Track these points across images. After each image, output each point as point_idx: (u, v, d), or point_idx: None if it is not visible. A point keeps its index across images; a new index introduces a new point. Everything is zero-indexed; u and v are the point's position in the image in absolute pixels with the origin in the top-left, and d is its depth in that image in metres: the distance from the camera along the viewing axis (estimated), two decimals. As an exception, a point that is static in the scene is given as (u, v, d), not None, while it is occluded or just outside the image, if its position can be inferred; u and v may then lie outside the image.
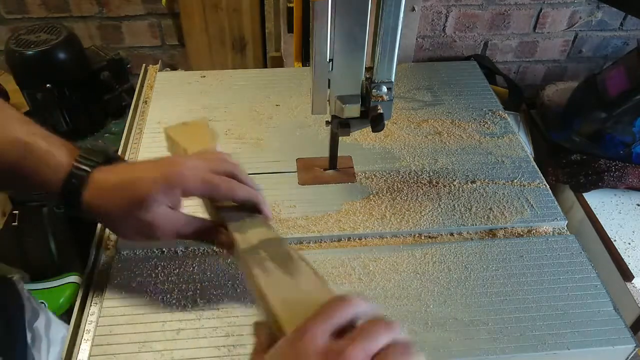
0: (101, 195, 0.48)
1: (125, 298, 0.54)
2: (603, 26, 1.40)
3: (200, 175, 0.49)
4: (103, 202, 0.48)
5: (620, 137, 0.99)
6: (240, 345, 0.50)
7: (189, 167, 0.49)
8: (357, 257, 0.59)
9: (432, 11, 1.32)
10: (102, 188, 0.48)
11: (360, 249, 0.60)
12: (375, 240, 0.61)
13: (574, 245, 0.61)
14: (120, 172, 0.49)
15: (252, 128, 0.77)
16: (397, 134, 0.76)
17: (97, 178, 0.49)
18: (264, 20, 1.28)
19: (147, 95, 0.84)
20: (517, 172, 0.70)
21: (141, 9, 1.39)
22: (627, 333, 0.52)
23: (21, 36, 1.03)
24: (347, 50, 0.54)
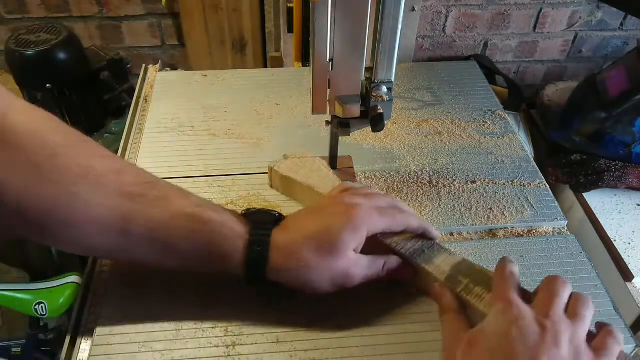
0: (290, 254, 0.47)
1: (125, 298, 0.54)
2: (603, 26, 1.40)
3: (378, 212, 0.49)
4: (294, 261, 0.47)
5: (620, 137, 0.99)
6: (240, 345, 0.50)
7: (363, 207, 0.49)
8: (357, 257, 0.58)
9: (432, 11, 1.33)
10: (288, 247, 0.47)
11: (360, 249, 0.60)
12: (375, 240, 0.61)
13: (574, 245, 0.61)
14: (300, 227, 0.48)
15: (252, 128, 0.77)
16: (397, 134, 0.76)
17: (280, 239, 0.47)
18: (264, 20, 1.28)
19: (147, 95, 0.84)
20: (517, 172, 0.70)
21: (141, 9, 1.39)
22: (627, 333, 0.52)
23: (21, 36, 1.03)
24: (347, 50, 0.54)
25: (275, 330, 0.51)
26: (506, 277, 0.44)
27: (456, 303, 0.47)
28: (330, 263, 0.46)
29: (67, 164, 0.44)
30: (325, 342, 0.50)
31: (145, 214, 0.45)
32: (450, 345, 0.44)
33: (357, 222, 0.47)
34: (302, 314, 0.52)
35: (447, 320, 0.46)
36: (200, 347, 0.49)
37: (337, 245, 0.46)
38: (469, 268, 0.50)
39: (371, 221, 0.48)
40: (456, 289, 0.47)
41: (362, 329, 0.51)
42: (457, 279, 0.48)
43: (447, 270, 0.49)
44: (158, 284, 0.55)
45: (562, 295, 0.42)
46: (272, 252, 0.47)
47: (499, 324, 0.41)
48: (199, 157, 0.71)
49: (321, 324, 0.51)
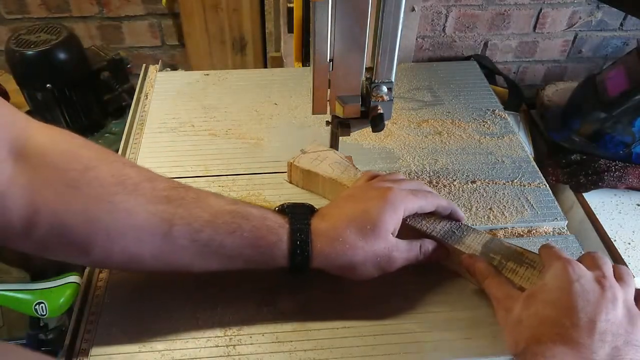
0: (334, 240, 0.48)
1: (125, 297, 0.54)
2: (603, 26, 1.40)
3: (410, 193, 0.51)
4: (338, 246, 0.47)
5: (620, 137, 0.99)
6: (240, 345, 0.50)
7: (396, 189, 0.50)
8: (357, 257, 0.58)
9: (432, 11, 1.33)
10: (330, 233, 0.48)
11: (361, 249, 0.60)
12: (376, 240, 0.61)
13: (574, 245, 0.61)
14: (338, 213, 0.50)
15: (252, 128, 0.77)
16: (397, 134, 0.76)
17: (320, 227, 0.48)
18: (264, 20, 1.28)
19: (147, 95, 0.84)
20: (517, 172, 0.70)
21: (141, 9, 1.39)
22: (627, 333, 0.52)
23: (21, 36, 1.03)
24: (347, 50, 0.54)
25: (275, 330, 0.51)
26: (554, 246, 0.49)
27: (491, 267, 0.50)
28: (374, 245, 0.48)
29: (103, 176, 0.44)
30: (325, 342, 0.50)
31: (187, 215, 0.46)
32: (504, 303, 0.48)
33: (394, 203, 0.49)
34: (302, 314, 0.52)
35: (491, 283, 0.50)
36: (201, 347, 0.49)
37: (378, 226, 0.48)
38: (498, 245, 0.52)
39: (407, 201, 0.50)
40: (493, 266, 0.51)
41: (361, 329, 0.51)
42: (489, 256, 0.51)
43: (478, 248, 0.52)
44: (158, 283, 0.55)
45: (608, 262, 0.46)
46: (314, 239, 0.48)
47: (560, 280, 0.44)
48: (199, 157, 0.71)
49: (321, 324, 0.51)
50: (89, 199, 0.43)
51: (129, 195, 0.44)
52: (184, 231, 0.45)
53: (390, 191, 0.50)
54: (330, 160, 0.64)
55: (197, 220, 0.46)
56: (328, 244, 0.48)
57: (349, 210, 0.50)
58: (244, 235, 0.47)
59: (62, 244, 0.44)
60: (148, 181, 0.46)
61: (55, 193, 0.42)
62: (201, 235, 0.46)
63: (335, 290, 0.54)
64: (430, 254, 0.52)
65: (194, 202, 0.47)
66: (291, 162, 0.65)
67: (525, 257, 0.51)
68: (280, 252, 0.48)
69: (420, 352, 0.49)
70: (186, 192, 0.48)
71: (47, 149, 0.43)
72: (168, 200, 0.46)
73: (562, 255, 0.47)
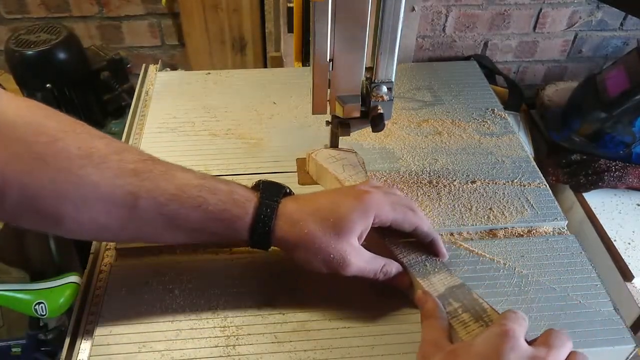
0: (295, 223, 0.48)
1: (125, 298, 0.54)
2: (603, 26, 1.40)
3: (389, 202, 0.49)
4: (297, 230, 0.47)
5: (620, 137, 0.99)
6: (240, 345, 0.50)
7: (379, 195, 0.49)
8: (357, 257, 0.58)
9: (432, 11, 1.33)
10: (295, 216, 0.48)
11: (361, 249, 0.60)
12: (376, 240, 0.61)
13: (574, 245, 0.61)
14: (310, 200, 0.50)
15: (252, 128, 0.77)
16: (397, 133, 0.76)
17: (288, 208, 0.48)
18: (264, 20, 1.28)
19: (147, 95, 0.84)
20: (517, 172, 0.70)
21: (141, 9, 1.39)
22: (627, 333, 0.52)
23: (21, 36, 1.03)
24: (347, 50, 0.54)
25: (275, 330, 0.51)
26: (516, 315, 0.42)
27: (437, 311, 0.46)
28: (332, 241, 0.47)
29: (69, 149, 0.44)
30: (325, 342, 0.50)
31: (153, 188, 0.46)
32: (427, 347, 0.43)
33: (366, 206, 0.48)
34: (302, 313, 0.52)
35: (427, 325, 0.45)
36: (200, 347, 0.49)
37: (343, 223, 0.47)
38: (464, 294, 0.48)
39: (381, 210, 0.48)
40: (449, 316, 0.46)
41: (362, 329, 0.51)
42: (447, 301, 0.47)
43: (441, 289, 0.48)
44: (158, 283, 0.55)
45: (561, 349, 0.39)
46: (279, 219, 0.48)
47: (489, 346, 0.39)
48: (199, 157, 0.71)
49: (321, 324, 0.51)
50: (56, 171, 0.43)
51: (96, 168, 0.44)
52: (149, 204, 0.46)
53: (368, 195, 0.49)
54: (346, 161, 0.64)
55: (163, 194, 0.46)
56: (289, 225, 0.48)
57: (322, 200, 0.50)
58: (209, 209, 0.47)
59: (33, 214, 0.44)
60: (116, 153, 0.46)
61: (23, 165, 0.42)
62: (166, 208, 0.46)
63: (335, 290, 0.54)
64: (391, 277, 0.50)
65: (161, 175, 0.47)
66: (309, 154, 0.66)
67: (485, 315, 0.46)
68: (243, 225, 0.48)
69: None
70: (154, 165, 0.48)
71: (15, 122, 0.43)
72: (135, 173, 0.46)
73: (509, 324, 0.40)
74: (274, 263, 0.55)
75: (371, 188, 0.51)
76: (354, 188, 0.52)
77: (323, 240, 0.47)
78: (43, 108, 0.46)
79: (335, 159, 0.64)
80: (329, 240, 0.47)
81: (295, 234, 0.48)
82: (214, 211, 0.47)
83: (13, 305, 0.94)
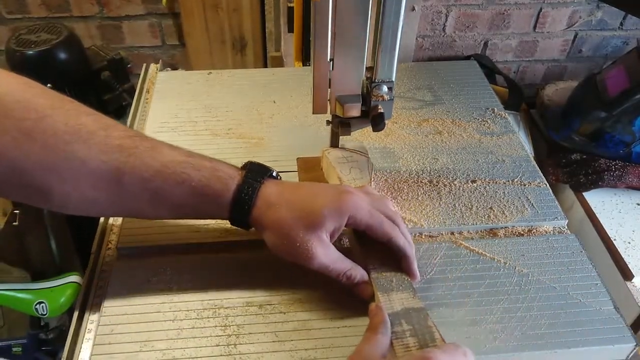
0: (272, 207, 0.49)
1: (126, 297, 0.54)
2: (603, 26, 1.40)
3: (368, 208, 0.49)
4: (272, 214, 0.48)
5: (620, 136, 0.99)
6: (242, 344, 0.50)
7: (360, 198, 0.49)
8: (357, 257, 0.59)
9: (432, 11, 1.33)
10: (273, 200, 0.49)
11: (361, 248, 0.60)
12: (376, 239, 0.62)
13: (574, 244, 0.61)
14: (291, 188, 0.50)
15: (252, 127, 0.77)
16: (397, 133, 0.76)
17: (269, 191, 0.49)
18: (264, 20, 1.29)
19: (147, 94, 0.84)
20: (517, 171, 0.70)
21: (141, 9, 1.39)
22: (627, 332, 0.52)
23: (22, 36, 1.03)
24: (348, 49, 0.54)
25: (276, 329, 0.51)
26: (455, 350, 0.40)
27: (384, 328, 0.44)
28: (301, 231, 0.47)
29: (57, 125, 0.45)
30: (325, 341, 0.50)
31: (138, 164, 0.47)
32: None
33: (343, 207, 0.48)
34: (302, 313, 0.52)
35: (367, 337, 0.44)
36: (202, 346, 0.49)
37: (314, 216, 0.47)
38: (419, 318, 0.46)
39: (357, 212, 0.48)
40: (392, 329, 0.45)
41: (362, 328, 0.51)
42: (399, 321, 0.45)
43: (397, 308, 0.47)
44: (159, 282, 0.55)
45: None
46: (259, 199, 0.49)
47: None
48: (200, 156, 0.71)
49: (322, 323, 0.51)
50: (44, 147, 0.44)
51: (83, 144, 0.45)
52: (134, 180, 0.47)
53: (349, 195, 0.49)
54: (355, 164, 0.64)
55: (147, 170, 0.47)
56: (265, 207, 0.49)
57: (303, 190, 0.50)
58: (192, 185, 0.48)
59: (22, 188, 0.46)
60: (103, 129, 0.47)
61: (13, 141, 0.43)
62: (151, 184, 0.47)
63: (336, 289, 0.54)
64: (353, 284, 0.50)
65: (146, 152, 0.48)
66: (324, 150, 0.66)
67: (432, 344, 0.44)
68: (224, 202, 0.49)
69: (420, 351, 0.50)
70: (141, 141, 0.48)
71: (4, 99, 0.44)
72: (121, 149, 0.47)
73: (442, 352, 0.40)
74: (274, 262, 0.55)
75: (355, 189, 0.51)
76: (340, 186, 0.52)
77: (292, 228, 0.48)
78: (34, 86, 0.47)
79: (346, 159, 0.64)
80: (297, 230, 0.47)
81: (269, 216, 0.49)
82: (197, 187, 0.48)
83: (14, 304, 0.94)
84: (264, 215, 0.49)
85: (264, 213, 0.49)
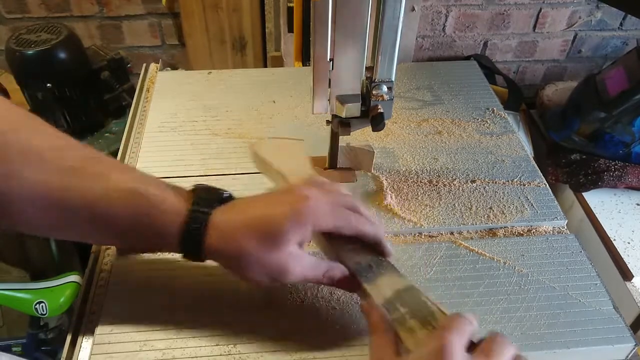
0: (228, 237, 0.45)
1: (126, 297, 0.54)
2: (602, 26, 1.40)
3: (330, 209, 0.46)
4: (230, 244, 0.45)
5: (620, 136, 0.99)
6: (242, 344, 0.50)
7: (317, 201, 0.46)
8: (357, 256, 0.59)
9: (432, 11, 1.33)
10: (227, 229, 0.45)
11: (361, 248, 0.60)
12: (376, 239, 0.62)
13: (573, 244, 0.61)
14: (243, 210, 0.47)
15: (252, 127, 0.77)
16: (397, 133, 0.76)
17: (220, 219, 0.46)
18: (264, 20, 1.29)
19: (147, 94, 0.84)
20: (517, 171, 0.70)
21: (141, 9, 1.39)
22: (626, 332, 0.52)
23: (22, 36, 1.03)
24: (348, 49, 0.54)
25: (277, 329, 0.51)
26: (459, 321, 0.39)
27: (384, 323, 0.43)
28: (267, 254, 0.44)
29: (10, 143, 0.44)
30: (326, 340, 0.50)
31: (82, 188, 0.45)
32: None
33: (302, 216, 0.45)
34: (302, 312, 0.52)
35: (374, 341, 0.42)
36: (201, 346, 0.49)
37: (276, 236, 0.44)
38: (412, 297, 0.45)
39: (319, 217, 0.45)
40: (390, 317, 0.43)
41: (362, 328, 0.51)
42: (395, 306, 0.44)
43: (388, 293, 0.45)
44: (159, 283, 0.55)
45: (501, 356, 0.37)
46: (209, 232, 0.45)
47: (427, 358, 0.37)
48: (200, 156, 0.71)
49: (323, 323, 0.51)
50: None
51: (32, 163, 0.44)
52: (77, 204, 0.45)
53: (305, 202, 0.45)
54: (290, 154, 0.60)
55: (91, 195, 0.45)
56: (219, 241, 0.45)
57: (256, 210, 0.47)
58: (136, 216, 0.46)
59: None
60: (57, 150, 0.46)
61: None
62: (94, 210, 0.45)
63: (336, 289, 0.54)
64: (336, 282, 0.48)
65: (94, 176, 0.46)
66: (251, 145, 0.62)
67: (433, 319, 0.43)
68: (171, 239, 0.46)
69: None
70: (95, 164, 0.47)
71: None
72: (70, 170, 0.45)
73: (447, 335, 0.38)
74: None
75: (311, 190, 0.47)
76: (292, 193, 0.47)
77: (258, 254, 0.45)
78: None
79: (279, 150, 0.61)
80: (263, 254, 0.45)
81: (229, 248, 0.45)
82: (142, 217, 0.46)
83: (13, 304, 0.94)
84: (222, 249, 0.46)
85: (221, 246, 0.46)
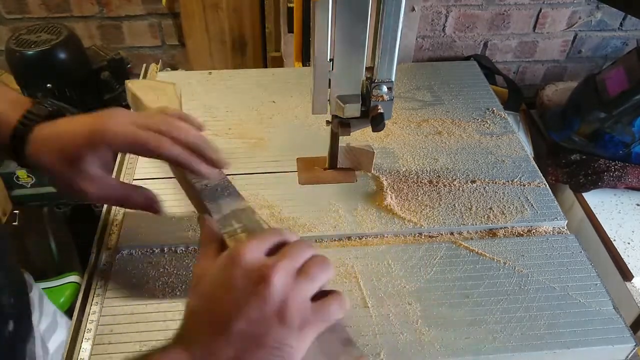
0: (38, 150, 0.48)
1: (126, 297, 0.54)
2: (602, 26, 1.40)
3: (126, 130, 0.47)
4: (40, 157, 0.48)
5: (620, 137, 0.99)
6: (241, 344, 0.50)
7: (116, 122, 0.47)
8: (357, 257, 0.59)
9: (432, 11, 1.33)
10: (38, 142, 0.48)
11: (361, 249, 0.60)
12: (376, 239, 0.62)
13: (573, 244, 0.61)
14: (56, 126, 0.49)
15: (252, 127, 0.77)
16: (397, 133, 0.76)
17: (36, 133, 0.48)
18: (264, 20, 1.28)
19: (147, 95, 0.84)
20: (517, 171, 0.70)
21: (141, 9, 1.39)
22: (626, 332, 0.52)
23: (22, 36, 1.03)
24: (348, 50, 0.54)
25: (276, 329, 0.51)
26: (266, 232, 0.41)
27: (213, 234, 0.44)
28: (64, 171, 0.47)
29: None
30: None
31: None
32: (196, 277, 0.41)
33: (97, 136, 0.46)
34: (302, 313, 0.52)
35: (201, 249, 0.44)
36: (201, 346, 0.49)
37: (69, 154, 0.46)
38: (247, 216, 0.48)
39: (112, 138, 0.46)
40: (223, 230, 0.46)
41: (362, 329, 0.51)
42: (229, 222, 0.47)
43: (226, 211, 0.48)
44: (159, 282, 0.55)
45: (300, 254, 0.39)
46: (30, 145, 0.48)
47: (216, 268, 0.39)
48: (200, 156, 0.71)
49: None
50: None
51: None
52: None
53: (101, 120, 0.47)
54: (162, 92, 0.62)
55: None
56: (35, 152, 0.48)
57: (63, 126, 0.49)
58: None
59: None
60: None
61: None
62: None
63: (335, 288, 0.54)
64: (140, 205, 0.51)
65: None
66: (127, 82, 0.63)
67: None
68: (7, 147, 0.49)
69: (420, 350, 0.50)
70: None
71: None
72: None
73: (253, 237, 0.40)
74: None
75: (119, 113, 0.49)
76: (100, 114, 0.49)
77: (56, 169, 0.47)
78: None
79: (153, 89, 0.62)
80: (61, 170, 0.47)
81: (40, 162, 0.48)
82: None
83: (13, 304, 0.94)
84: (35, 160, 0.48)
85: (35, 157, 0.48)
